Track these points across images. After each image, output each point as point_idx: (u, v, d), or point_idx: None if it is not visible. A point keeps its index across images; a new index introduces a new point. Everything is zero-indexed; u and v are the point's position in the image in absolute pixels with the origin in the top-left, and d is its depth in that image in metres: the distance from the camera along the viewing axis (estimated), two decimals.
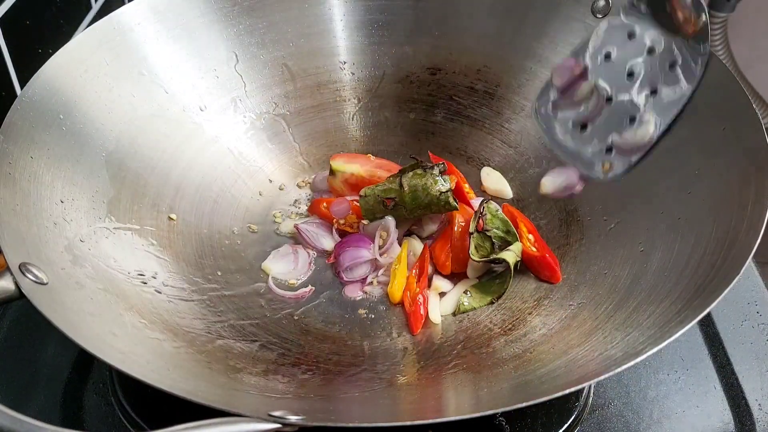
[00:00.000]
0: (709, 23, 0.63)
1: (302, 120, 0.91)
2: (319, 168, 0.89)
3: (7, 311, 0.76)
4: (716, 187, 0.67)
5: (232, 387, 0.59)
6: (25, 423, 0.43)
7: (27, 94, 0.68)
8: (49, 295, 0.55)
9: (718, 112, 0.70)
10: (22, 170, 0.64)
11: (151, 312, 0.64)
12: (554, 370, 0.59)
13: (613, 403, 0.68)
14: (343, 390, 0.62)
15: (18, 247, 0.57)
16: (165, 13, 0.82)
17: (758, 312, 0.77)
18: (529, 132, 0.87)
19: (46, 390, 0.68)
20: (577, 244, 0.76)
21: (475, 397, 0.61)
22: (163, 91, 0.81)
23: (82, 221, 0.67)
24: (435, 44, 0.91)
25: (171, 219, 0.76)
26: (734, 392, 0.69)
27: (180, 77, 0.83)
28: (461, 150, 0.90)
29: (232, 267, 0.77)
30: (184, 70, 0.83)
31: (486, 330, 0.70)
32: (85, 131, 0.72)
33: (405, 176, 0.75)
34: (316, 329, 0.71)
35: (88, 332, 0.54)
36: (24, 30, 0.82)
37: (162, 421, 0.44)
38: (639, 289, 0.64)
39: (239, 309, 0.72)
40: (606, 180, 0.68)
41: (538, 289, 0.73)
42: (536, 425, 0.65)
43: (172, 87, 0.82)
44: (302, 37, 0.90)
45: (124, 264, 0.67)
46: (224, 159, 0.84)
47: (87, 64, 0.74)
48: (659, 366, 0.71)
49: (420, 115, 0.92)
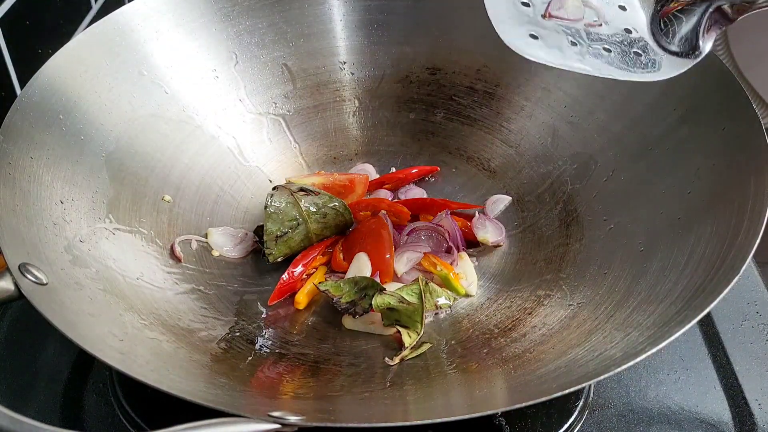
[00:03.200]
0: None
1: (302, 120, 0.91)
2: (318, 168, 0.89)
3: (7, 311, 0.76)
4: (716, 187, 0.67)
5: (232, 387, 0.59)
6: (25, 424, 0.43)
7: (27, 94, 0.68)
8: (48, 295, 0.55)
9: (718, 112, 0.70)
10: (22, 170, 0.64)
11: (150, 312, 0.64)
12: (554, 370, 0.58)
13: (613, 403, 0.68)
14: (343, 390, 0.62)
15: (18, 248, 0.57)
16: (165, 13, 0.82)
17: (758, 312, 0.77)
18: (529, 132, 0.87)
19: (46, 390, 0.68)
20: (577, 244, 0.76)
21: (475, 397, 0.61)
22: (163, 91, 0.81)
23: (81, 221, 0.67)
24: (435, 44, 0.91)
25: (165, 200, 0.76)
26: (734, 392, 0.69)
27: (180, 77, 0.83)
28: (461, 150, 0.90)
29: (232, 267, 0.77)
30: (184, 70, 0.83)
31: (486, 330, 0.70)
32: (85, 131, 0.72)
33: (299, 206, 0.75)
34: (316, 329, 0.71)
35: (87, 332, 0.54)
36: (24, 30, 0.82)
37: (162, 421, 0.44)
38: (639, 289, 0.64)
39: (239, 309, 0.72)
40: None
41: (538, 289, 0.73)
42: (536, 425, 0.65)
43: (172, 87, 0.82)
44: (302, 37, 0.90)
45: (123, 264, 0.67)
46: (224, 159, 0.84)
47: (87, 64, 0.74)
48: (659, 366, 0.71)
49: (420, 115, 0.92)
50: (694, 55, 0.63)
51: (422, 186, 0.88)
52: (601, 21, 0.64)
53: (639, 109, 0.78)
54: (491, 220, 0.82)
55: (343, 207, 0.77)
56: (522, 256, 0.78)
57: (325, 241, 0.78)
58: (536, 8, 0.63)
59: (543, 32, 0.63)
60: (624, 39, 0.64)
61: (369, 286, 0.69)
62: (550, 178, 0.83)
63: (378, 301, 0.67)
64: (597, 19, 0.64)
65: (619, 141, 0.79)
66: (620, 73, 0.63)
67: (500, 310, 0.72)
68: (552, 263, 0.75)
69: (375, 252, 0.74)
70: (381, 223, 0.77)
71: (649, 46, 0.64)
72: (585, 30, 0.64)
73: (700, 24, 0.63)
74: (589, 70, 0.63)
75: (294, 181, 0.84)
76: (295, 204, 0.74)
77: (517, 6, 0.63)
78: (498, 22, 0.62)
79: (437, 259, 0.75)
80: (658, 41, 0.64)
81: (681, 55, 0.64)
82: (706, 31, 0.63)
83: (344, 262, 0.76)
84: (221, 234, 0.79)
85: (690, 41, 0.64)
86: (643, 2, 0.66)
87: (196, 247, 0.77)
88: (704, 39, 0.63)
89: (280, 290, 0.73)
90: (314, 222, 0.75)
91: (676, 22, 0.64)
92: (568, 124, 0.84)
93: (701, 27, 0.63)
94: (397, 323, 0.69)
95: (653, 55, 0.64)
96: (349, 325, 0.71)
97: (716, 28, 0.64)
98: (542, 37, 0.63)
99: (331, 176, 0.85)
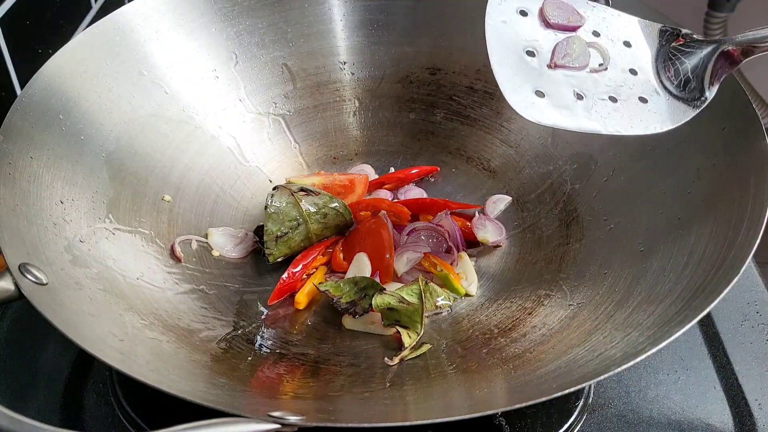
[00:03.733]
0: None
1: (302, 120, 0.91)
2: (318, 168, 0.89)
3: (7, 311, 0.76)
4: (716, 187, 0.67)
5: (232, 387, 0.59)
6: (25, 424, 0.43)
7: (27, 94, 0.68)
8: (48, 295, 0.55)
9: (718, 112, 0.70)
10: (22, 170, 0.64)
11: (150, 312, 0.64)
12: (554, 370, 0.58)
13: (613, 403, 0.68)
14: (343, 390, 0.62)
15: (18, 248, 0.57)
16: (165, 13, 0.82)
17: (758, 312, 0.77)
18: (529, 132, 0.87)
19: (46, 390, 0.68)
20: (577, 244, 0.76)
21: (475, 397, 0.61)
22: (163, 91, 0.81)
23: (81, 222, 0.67)
24: (435, 44, 0.91)
25: (165, 200, 0.76)
26: (734, 392, 0.69)
27: (180, 77, 0.83)
28: (461, 150, 0.90)
29: (232, 267, 0.77)
30: (184, 70, 0.83)
31: (486, 330, 0.70)
32: (85, 131, 0.72)
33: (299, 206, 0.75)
34: (316, 329, 0.71)
35: (87, 333, 0.54)
36: (24, 30, 0.82)
37: (162, 421, 0.44)
38: (639, 289, 0.64)
39: (239, 309, 0.72)
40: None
41: (538, 289, 0.73)
42: (536, 425, 0.65)
43: (172, 87, 0.82)
44: (302, 37, 0.90)
45: (123, 264, 0.67)
46: (224, 159, 0.84)
47: (87, 64, 0.74)
48: (659, 366, 0.71)
49: (420, 115, 0.92)
50: (699, 101, 0.63)
51: (422, 186, 0.88)
52: (606, 64, 0.64)
53: None
54: (491, 220, 0.82)
55: (344, 207, 0.77)
56: (522, 256, 0.78)
57: (325, 242, 0.78)
58: (542, 57, 0.63)
59: (548, 87, 0.62)
60: (629, 83, 0.64)
61: (369, 286, 0.69)
62: (550, 178, 0.83)
63: (378, 301, 0.67)
64: (603, 62, 0.64)
65: (619, 141, 0.79)
66: (626, 128, 0.62)
67: (500, 310, 0.72)
68: (552, 263, 0.75)
69: (375, 252, 0.74)
70: (381, 223, 0.77)
71: (654, 90, 0.64)
72: (590, 78, 0.63)
73: (706, 69, 0.63)
74: (597, 129, 0.62)
75: (294, 181, 0.84)
76: (296, 204, 0.74)
77: (522, 58, 0.62)
78: (504, 82, 0.61)
79: (437, 259, 0.75)
80: (662, 83, 0.64)
81: (686, 101, 0.63)
82: (713, 77, 0.63)
83: (344, 262, 0.76)
84: (221, 234, 0.79)
85: (696, 87, 0.64)
86: (649, 36, 0.66)
87: (196, 247, 0.77)
88: (710, 85, 0.63)
89: (280, 290, 0.73)
90: (314, 222, 0.75)
91: (682, 58, 0.64)
92: None
93: (707, 72, 0.63)
94: (397, 323, 0.69)
95: (658, 100, 0.63)
96: (349, 325, 0.71)
97: (722, 74, 0.63)
98: (548, 94, 0.62)
99: (331, 176, 0.85)
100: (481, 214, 0.82)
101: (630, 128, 0.62)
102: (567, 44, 0.63)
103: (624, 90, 0.63)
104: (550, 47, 0.63)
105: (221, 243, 0.78)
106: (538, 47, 0.63)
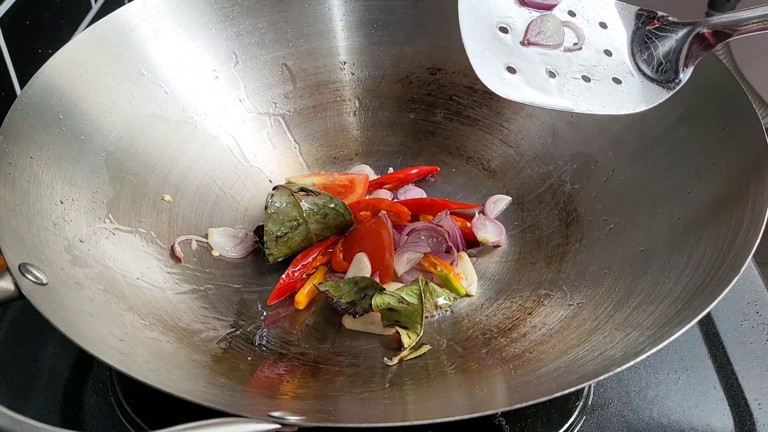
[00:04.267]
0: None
1: (302, 120, 0.91)
2: (318, 168, 0.89)
3: (7, 311, 0.76)
4: (716, 187, 0.67)
5: (232, 387, 0.59)
6: (25, 424, 0.42)
7: (27, 94, 0.68)
8: (48, 295, 0.55)
9: (718, 112, 0.70)
10: (22, 170, 0.64)
11: (150, 312, 0.64)
12: (554, 370, 0.58)
13: (613, 403, 0.68)
14: (343, 390, 0.62)
15: (18, 248, 0.57)
16: (165, 13, 0.82)
17: (758, 312, 0.77)
18: (529, 132, 0.87)
19: (46, 390, 0.68)
20: (577, 244, 0.76)
21: (475, 397, 0.61)
22: (163, 91, 0.81)
23: (81, 222, 0.67)
24: (435, 44, 0.91)
25: (165, 200, 0.76)
26: (734, 392, 0.69)
27: (180, 77, 0.83)
28: (461, 150, 0.90)
29: (232, 267, 0.77)
30: (184, 70, 0.83)
31: (486, 330, 0.70)
32: (85, 131, 0.72)
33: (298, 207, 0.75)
34: (316, 329, 0.71)
35: (87, 332, 0.54)
36: (24, 30, 0.82)
37: (162, 421, 0.44)
38: (639, 289, 0.64)
39: (239, 309, 0.72)
40: None
41: (538, 289, 0.73)
42: (536, 425, 0.64)
43: (172, 87, 0.82)
44: (302, 37, 0.90)
45: (123, 264, 0.67)
46: (224, 159, 0.84)
47: (87, 64, 0.74)
48: (659, 366, 0.71)
49: (420, 115, 0.92)
50: (674, 83, 0.63)
51: (422, 186, 0.88)
52: (580, 44, 0.63)
53: None
54: (491, 220, 0.82)
55: (344, 207, 0.77)
56: (522, 256, 0.78)
57: (325, 242, 0.78)
58: (515, 33, 0.62)
59: (521, 63, 0.61)
60: (603, 64, 0.63)
61: (369, 286, 0.69)
62: (550, 178, 0.83)
63: (378, 301, 0.67)
64: (577, 41, 0.63)
65: (619, 141, 0.79)
66: (598, 107, 0.62)
67: (500, 310, 0.72)
68: (552, 263, 0.75)
69: (375, 252, 0.74)
70: (381, 223, 0.77)
71: (628, 71, 0.63)
72: (564, 57, 0.63)
73: (681, 51, 0.63)
74: (569, 107, 0.61)
75: (294, 181, 0.84)
76: (296, 204, 0.74)
77: (495, 34, 0.62)
78: (475, 56, 0.61)
79: (437, 259, 0.75)
80: (637, 65, 0.64)
81: (660, 83, 0.63)
82: (687, 59, 0.63)
83: (344, 263, 0.76)
84: (221, 234, 0.79)
85: (670, 69, 0.63)
86: (625, 18, 0.65)
87: (196, 247, 0.77)
88: (684, 68, 0.63)
89: (279, 290, 0.73)
90: (314, 222, 0.75)
91: (657, 41, 0.64)
92: (568, 124, 0.84)
93: (682, 54, 0.63)
94: (397, 324, 0.69)
95: (632, 81, 0.63)
96: (349, 325, 0.71)
97: (697, 56, 0.63)
98: (520, 70, 0.61)
99: (331, 176, 0.85)
100: (481, 214, 0.82)
101: (602, 108, 0.62)
102: (541, 22, 0.63)
103: (598, 70, 0.63)
104: (524, 25, 0.63)
105: (221, 243, 0.78)
106: (512, 24, 0.62)
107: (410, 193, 0.86)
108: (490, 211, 0.83)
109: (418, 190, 0.87)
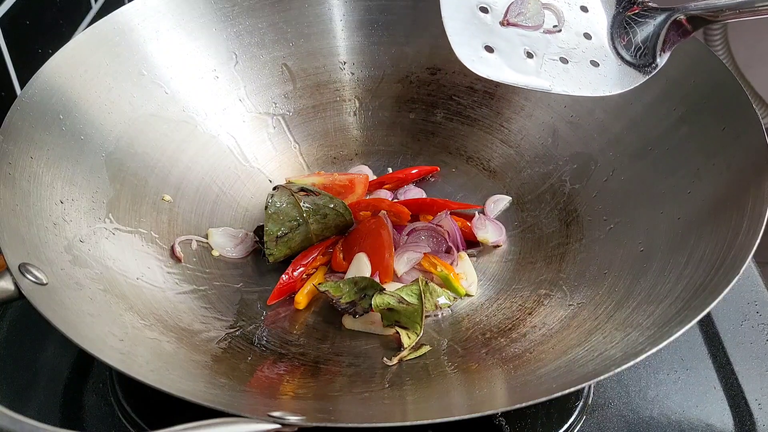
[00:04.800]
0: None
1: (302, 120, 0.91)
2: (318, 168, 0.89)
3: (7, 311, 0.76)
4: (716, 187, 0.67)
5: (232, 387, 0.59)
6: (25, 424, 0.42)
7: (27, 94, 0.68)
8: (48, 295, 0.55)
9: (718, 112, 0.70)
10: (22, 170, 0.64)
11: (150, 312, 0.64)
12: (554, 370, 0.59)
13: (613, 403, 0.68)
14: (343, 390, 0.62)
15: (18, 248, 0.57)
16: (165, 13, 0.82)
17: (758, 312, 0.77)
18: (529, 132, 0.87)
19: (46, 390, 0.68)
20: (577, 244, 0.76)
21: (475, 397, 0.61)
22: (163, 91, 0.81)
23: (81, 222, 0.67)
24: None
25: (165, 200, 0.76)
26: (734, 392, 0.69)
27: (180, 77, 0.83)
28: (461, 150, 0.90)
29: (232, 267, 0.77)
30: (184, 70, 0.83)
31: (486, 330, 0.70)
32: (85, 131, 0.72)
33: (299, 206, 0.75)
34: (316, 329, 0.71)
35: (87, 333, 0.54)
36: (24, 30, 0.82)
37: (162, 421, 0.44)
38: (639, 289, 0.64)
39: (239, 309, 0.72)
40: None
41: (538, 289, 0.73)
42: (536, 425, 0.65)
43: (172, 87, 0.82)
44: (302, 37, 0.90)
45: (123, 264, 0.67)
46: (224, 159, 0.84)
47: (87, 64, 0.74)
48: (659, 366, 0.71)
49: (420, 115, 0.92)
50: (650, 68, 0.63)
51: (422, 186, 0.88)
52: (560, 26, 0.64)
53: (639, 109, 0.78)
54: (491, 220, 0.82)
55: (344, 207, 0.77)
56: (522, 256, 0.78)
57: (325, 242, 0.78)
58: (495, 13, 0.62)
59: (499, 43, 0.61)
60: (582, 47, 0.64)
61: (369, 286, 0.69)
62: (550, 178, 0.83)
63: (378, 301, 0.67)
64: (557, 24, 0.64)
65: (619, 141, 0.79)
66: (574, 88, 0.62)
67: (500, 310, 0.72)
68: (552, 263, 0.75)
69: (375, 252, 0.74)
70: (381, 223, 0.77)
71: (606, 55, 0.64)
72: (543, 39, 0.63)
73: (658, 37, 0.63)
74: (545, 88, 0.61)
75: (294, 181, 0.84)
76: (296, 204, 0.74)
77: (475, 13, 0.61)
78: (453, 34, 0.60)
79: (437, 259, 0.75)
80: (616, 49, 0.64)
81: (638, 68, 0.64)
82: (664, 45, 0.63)
83: (344, 263, 0.76)
84: (221, 234, 0.79)
85: (648, 53, 0.64)
86: (606, 3, 0.66)
87: (196, 247, 0.77)
88: (662, 53, 0.63)
89: (279, 290, 0.73)
90: (314, 222, 0.75)
91: (636, 27, 0.64)
92: (568, 124, 0.84)
93: (660, 39, 0.63)
94: (397, 324, 0.69)
95: (609, 64, 0.63)
96: (349, 325, 0.71)
97: (674, 42, 0.64)
98: (498, 49, 0.61)
99: (331, 176, 0.85)
100: (481, 214, 0.82)
101: (578, 89, 0.62)
102: (522, 3, 0.63)
103: (576, 53, 0.63)
104: (504, 5, 0.63)
105: (221, 243, 0.78)
106: (492, 4, 0.62)
107: (410, 193, 0.86)
108: (490, 211, 0.83)
109: (418, 190, 0.87)
